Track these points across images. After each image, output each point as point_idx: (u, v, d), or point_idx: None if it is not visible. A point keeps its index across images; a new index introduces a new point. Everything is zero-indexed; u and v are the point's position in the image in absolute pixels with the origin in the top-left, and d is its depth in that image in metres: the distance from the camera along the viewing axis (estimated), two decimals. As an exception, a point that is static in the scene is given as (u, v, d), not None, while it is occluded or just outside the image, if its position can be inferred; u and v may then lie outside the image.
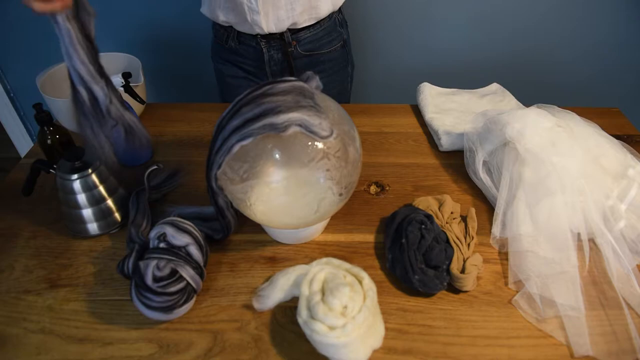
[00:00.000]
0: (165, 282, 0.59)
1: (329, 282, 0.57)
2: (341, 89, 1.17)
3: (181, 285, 0.60)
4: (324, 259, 0.62)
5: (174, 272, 0.60)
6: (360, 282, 0.58)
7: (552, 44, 1.58)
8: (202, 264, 0.63)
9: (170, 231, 0.62)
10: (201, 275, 0.62)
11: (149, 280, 0.59)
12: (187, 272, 0.60)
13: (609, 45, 1.57)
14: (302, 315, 0.54)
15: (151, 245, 0.63)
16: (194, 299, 0.62)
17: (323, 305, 0.54)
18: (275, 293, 0.62)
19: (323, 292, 0.56)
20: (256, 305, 0.62)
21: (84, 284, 0.66)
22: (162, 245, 0.61)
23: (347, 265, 0.61)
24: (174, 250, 0.61)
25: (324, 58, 1.07)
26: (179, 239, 0.61)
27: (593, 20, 1.51)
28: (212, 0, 0.99)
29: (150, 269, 0.59)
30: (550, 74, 1.64)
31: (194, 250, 0.62)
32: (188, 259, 0.61)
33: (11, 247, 0.72)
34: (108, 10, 1.55)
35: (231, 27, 1.01)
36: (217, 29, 1.06)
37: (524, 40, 1.57)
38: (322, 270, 0.59)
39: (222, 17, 1.00)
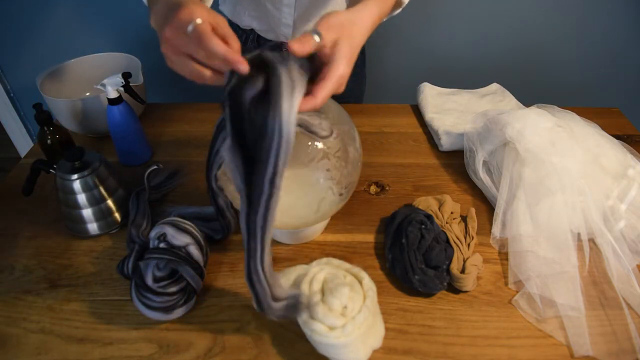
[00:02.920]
0: (165, 282, 0.59)
1: (329, 282, 0.57)
2: (359, 91, 1.16)
3: (181, 285, 0.60)
4: (324, 259, 0.62)
5: (174, 272, 0.60)
6: (360, 282, 0.58)
7: (552, 44, 1.58)
8: (202, 264, 0.63)
9: (170, 231, 0.62)
10: (201, 275, 0.62)
11: (149, 280, 0.59)
12: (187, 272, 0.60)
13: (609, 45, 1.57)
14: (302, 315, 0.54)
15: (151, 246, 0.63)
16: (194, 299, 0.62)
17: (323, 305, 0.54)
18: None
19: (323, 292, 0.56)
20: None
21: (84, 284, 0.66)
22: (162, 245, 0.61)
23: (347, 265, 0.61)
24: (174, 250, 0.60)
25: None
26: (179, 239, 0.61)
27: (593, 20, 1.51)
28: (238, 4, 0.98)
29: (151, 269, 0.59)
30: (550, 74, 1.65)
31: (194, 250, 0.62)
32: (188, 259, 0.61)
33: (11, 247, 0.72)
34: (108, 10, 1.55)
35: (252, 29, 1.01)
36: (235, 29, 1.04)
37: (524, 40, 1.57)
38: (322, 270, 0.59)
39: (246, 22, 0.99)
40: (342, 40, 0.48)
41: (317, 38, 0.46)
